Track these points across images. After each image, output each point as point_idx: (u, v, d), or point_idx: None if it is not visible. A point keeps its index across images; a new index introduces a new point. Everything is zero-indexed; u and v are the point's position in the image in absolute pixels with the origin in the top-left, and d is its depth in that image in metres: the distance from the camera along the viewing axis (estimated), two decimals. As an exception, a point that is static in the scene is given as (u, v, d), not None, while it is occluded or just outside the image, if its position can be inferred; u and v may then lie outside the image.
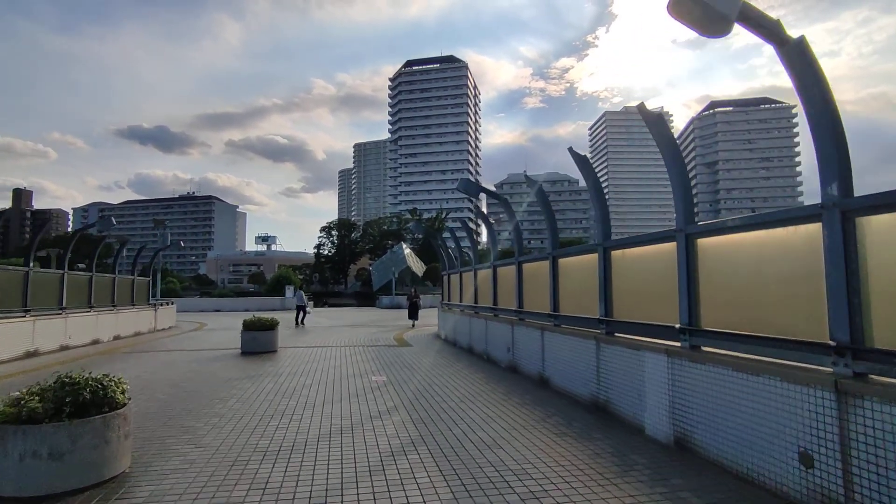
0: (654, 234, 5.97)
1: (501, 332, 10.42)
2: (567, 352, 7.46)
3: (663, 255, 5.62)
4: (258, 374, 9.47)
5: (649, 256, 6.07)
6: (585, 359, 6.84)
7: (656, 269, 5.77)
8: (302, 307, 24.83)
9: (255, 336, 12.61)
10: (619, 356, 6.04)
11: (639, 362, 5.62)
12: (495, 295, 11.38)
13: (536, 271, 9.28)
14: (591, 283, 7.15)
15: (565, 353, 7.51)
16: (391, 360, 11.45)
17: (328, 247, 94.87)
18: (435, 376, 9.19)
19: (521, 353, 9.31)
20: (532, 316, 9.24)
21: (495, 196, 9.91)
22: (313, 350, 13.28)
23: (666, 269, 5.49)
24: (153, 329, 19.89)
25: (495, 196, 9.91)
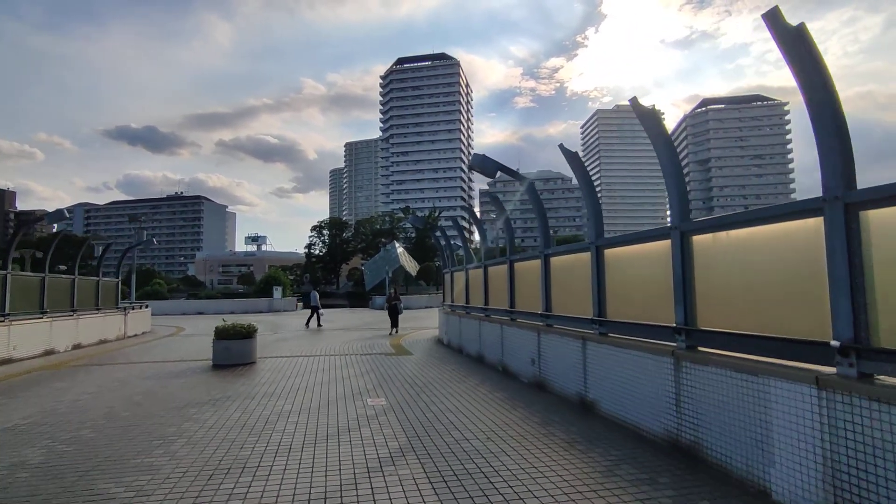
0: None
1: (523, 341, 8.66)
2: (623, 370, 5.71)
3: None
4: (225, 396, 7.63)
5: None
6: (657, 382, 5.09)
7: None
8: (316, 308, 23.69)
9: (228, 346, 10.75)
10: (719, 383, 4.28)
11: (759, 395, 3.87)
12: (512, 295, 9.62)
13: (570, 267, 7.53)
14: (657, 282, 5.41)
15: (621, 372, 5.76)
16: (390, 373, 9.65)
17: (319, 246, 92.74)
18: (445, 397, 7.40)
19: (552, 367, 7.55)
20: (564, 321, 7.48)
21: (513, 174, 8.16)
22: (298, 361, 11.45)
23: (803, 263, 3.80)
24: (123, 336, 17.93)
25: (513, 174, 8.16)
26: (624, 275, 6.15)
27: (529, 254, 9.02)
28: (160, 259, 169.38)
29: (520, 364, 8.80)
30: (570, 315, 7.30)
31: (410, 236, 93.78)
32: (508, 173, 8.13)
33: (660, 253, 5.38)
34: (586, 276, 6.80)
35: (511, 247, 9.79)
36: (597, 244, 6.56)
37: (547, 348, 7.73)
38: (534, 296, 8.62)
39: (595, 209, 6.70)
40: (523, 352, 8.63)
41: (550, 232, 8.38)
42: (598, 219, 6.69)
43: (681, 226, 5.00)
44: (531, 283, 8.88)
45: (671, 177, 5.17)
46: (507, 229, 9.92)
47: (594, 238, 6.60)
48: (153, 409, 6.83)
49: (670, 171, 5.16)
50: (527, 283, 9.17)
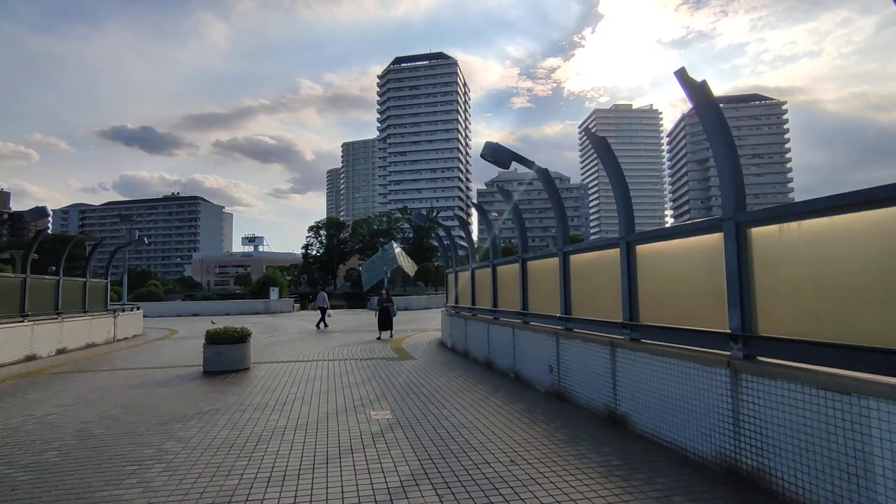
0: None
1: (538, 346, 7.98)
2: (662, 381, 5.03)
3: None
4: (214, 408, 6.93)
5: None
6: (707, 396, 4.41)
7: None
8: (324, 309, 23.38)
9: (219, 351, 10.05)
10: (793, 401, 3.61)
11: (852, 417, 3.20)
12: (525, 297, 8.94)
13: (594, 265, 6.86)
14: (702, 281, 4.75)
15: (659, 383, 5.08)
16: (393, 380, 8.96)
17: (316, 247, 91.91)
18: (457, 409, 6.72)
19: (574, 375, 6.87)
20: (587, 326, 6.80)
21: (527, 163, 7.49)
22: (295, 367, 10.75)
23: None
24: (112, 339, 17.18)
25: (527, 163, 7.49)
26: (660, 274, 5.47)
27: (545, 251, 8.35)
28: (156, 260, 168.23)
29: (535, 371, 8.12)
30: (595, 318, 6.62)
31: (408, 236, 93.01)
32: (522, 163, 7.45)
33: (707, 248, 4.72)
34: (614, 275, 6.13)
35: (523, 244, 9.11)
36: (628, 239, 5.88)
37: (568, 355, 7.05)
38: (551, 297, 7.94)
39: (625, 200, 6.03)
40: (539, 358, 7.95)
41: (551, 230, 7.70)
42: (629, 211, 6.02)
43: (735, 216, 4.33)
44: (547, 284, 8.20)
45: (724, 161, 4.48)
46: (518, 225, 9.25)
47: (624, 232, 5.93)
48: (132, 425, 6.12)
49: (723, 155, 4.47)
50: (542, 284, 8.49)
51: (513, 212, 9.12)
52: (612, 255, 6.26)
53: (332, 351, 13.56)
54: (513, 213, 9.17)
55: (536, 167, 7.59)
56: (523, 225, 9.25)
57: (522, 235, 9.16)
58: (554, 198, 7.58)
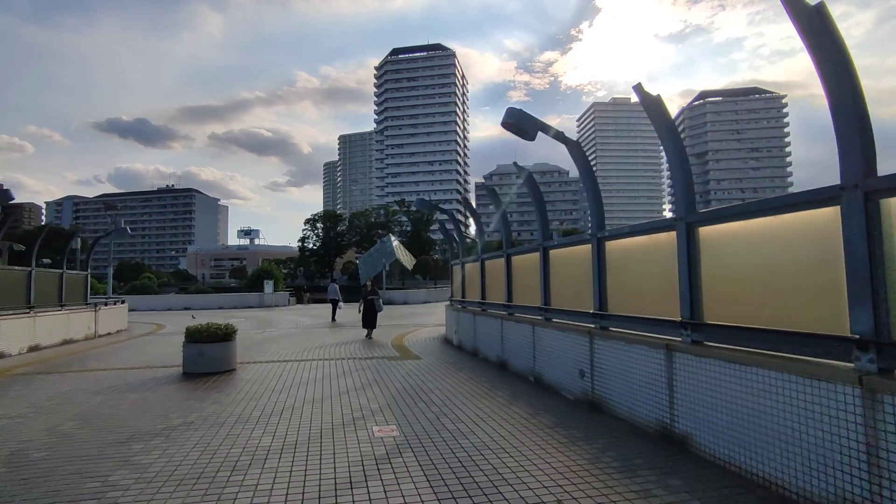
0: None
1: (566, 347, 6.92)
2: (743, 395, 3.97)
3: None
4: (187, 421, 5.85)
5: None
6: (824, 420, 3.35)
7: None
8: (335, 301, 22.95)
9: (201, 351, 8.96)
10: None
11: None
12: (546, 291, 7.86)
13: (639, 254, 5.79)
14: (798, 274, 3.69)
15: (739, 398, 4.02)
16: (397, 384, 7.90)
17: (313, 240, 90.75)
18: (475, 423, 5.66)
19: (613, 382, 5.81)
20: (631, 324, 5.74)
21: (559, 135, 6.39)
22: (286, 368, 9.67)
23: None
24: (93, 335, 16.06)
25: (559, 135, 6.39)
26: (735, 263, 4.41)
27: (573, 238, 7.27)
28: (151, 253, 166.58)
29: (561, 375, 7.07)
30: (640, 315, 5.56)
31: (406, 230, 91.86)
32: (555, 135, 6.36)
33: (810, 231, 3.66)
34: (668, 265, 5.07)
35: (544, 231, 8.04)
36: (688, 220, 4.81)
37: (605, 358, 5.99)
38: (580, 291, 6.87)
39: (686, 176, 4.96)
40: (567, 360, 6.90)
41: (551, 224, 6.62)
42: (689, 188, 4.95)
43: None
44: (575, 276, 7.14)
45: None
46: (537, 209, 8.17)
47: (683, 212, 4.86)
48: (83, 445, 5.04)
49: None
50: (568, 276, 7.43)
51: (531, 189, 8.03)
52: (665, 241, 5.19)
53: (328, 349, 12.49)
54: (532, 195, 8.08)
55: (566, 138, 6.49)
56: (544, 209, 8.17)
57: (543, 220, 8.08)
58: (586, 174, 6.49)
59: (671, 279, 5.01)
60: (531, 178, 8.03)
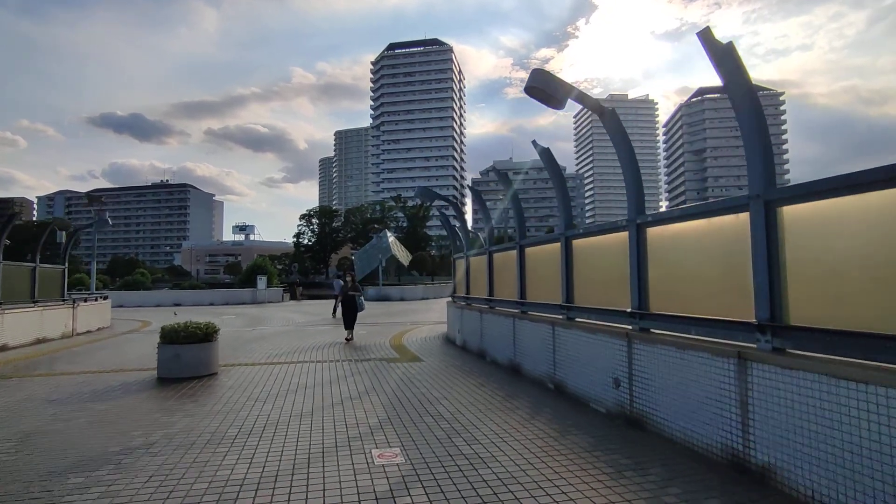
0: None
1: (596, 351, 5.97)
2: (857, 421, 3.04)
3: None
4: (149, 442, 4.87)
5: None
6: None
7: None
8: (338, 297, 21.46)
9: (178, 353, 7.97)
10: None
11: None
12: (569, 286, 6.90)
13: (692, 243, 4.84)
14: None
15: (847, 425, 3.09)
16: (398, 392, 6.94)
17: (308, 235, 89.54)
18: (494, 444, 4.71)
19: (660, 396, 4.86)
20: (684, 326, 4.78)
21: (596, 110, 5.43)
22: (275, 371, 8.70)
23: None
24: (70, 333, 15.02)
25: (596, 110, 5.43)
26: (828, 252, 3.47)
27: (602, 225, 6.31)
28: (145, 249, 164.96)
29: (589, 384, 6.12)
30: (695, 315, 4.61)
31: (402, 225, 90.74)
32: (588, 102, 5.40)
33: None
34: (738, 253, 4.13)
35: (567, 219, 7.08)
36: (766, 198, 3.88)
37: (648, 365, 5.04)
38: (612, 287, 5.92)
39: (764, 144, 4.02)
40: (596, 367, 5.95)
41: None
42: (768, 158, 4.01)
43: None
44: (605, 270, 6.19)
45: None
46: (559, 194, 7.20)
47: (761, 188, 3.92)
48: (8, 477, 4.04)
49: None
50: (596, 270, 6.47)
51: (552, 171, 7.08)
52: (731, 226, 4.24)
53: (321, 349, 11.51)
54: (553, 178, 7.12)
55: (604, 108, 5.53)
56: (566, 194, 7.21)
57: (565, 207, 7.12)
58: (623, 148, 5.54)
59: (741, 273, 4.06)
60: (550, 156, 7.06)
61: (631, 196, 5.58)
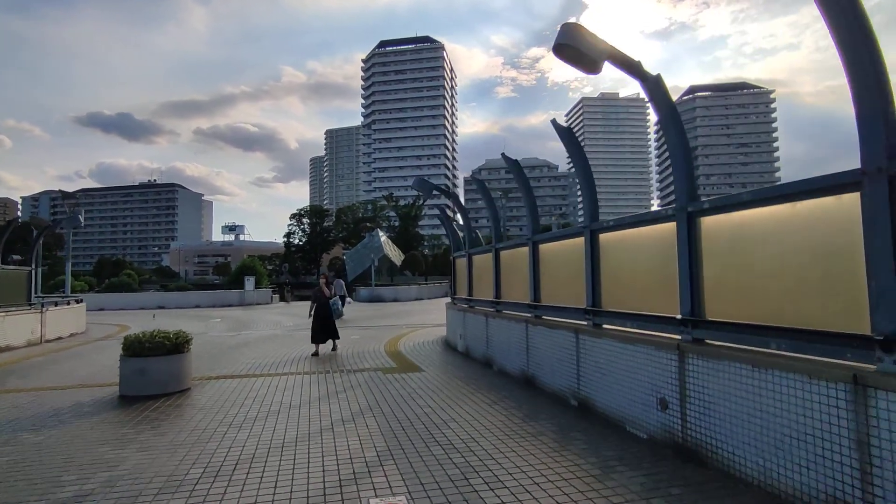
0: None
1: (633, 364, 5.01)
2: None
3: None
4: (81, 493, 3.83)
5: None
6: None
7: None
8: (342, 297, 21.56)
9: (142, 367, 6.92)
10: None
11: None
12: (595, 287, 5.93)
13: (763, 234, 3.89)
14: None
15: None
16: (399, 412, 5.95)
17: (299, 235, 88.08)
18: (523, 488, 3.73)
19: (728, 423, 3.89)
20: (761, 338, 3.83)
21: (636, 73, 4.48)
22: (256, 385, 7.67)
23: None
24: (37, 340, 13.87)
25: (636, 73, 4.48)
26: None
27: (642, 217, 5.35)
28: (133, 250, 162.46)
29: (625, 402, 5.16)
30: (776, 325, 3.66)
31: (394, 224, 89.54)
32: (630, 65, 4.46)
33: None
34: (839, 246, 3.19)
35: (593, 211, 6.12)
36: (892, 170, 2.93)
37: (707, 385, 4.09)
38: (652, 290, 4.98)
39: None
40: (635, 384, 4.99)
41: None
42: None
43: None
44: (643, 269, 5.24)
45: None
46: (584, 183, 6.24)
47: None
48: None
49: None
50: (631, 270, 5.52)
51: (575, 156, 6.12)
52: (819, 212, 3.30)
53: (310, 358, 10.50)
54: (577, 165, 6.16)
55: (646, 73, 4.57)
56: (592, 183, 6.24)
57: (591, 197, 6.16)
58: (671, 122, 4.59)
59: (848, 270, 3.12)
60: (572, 137, 6.10)
61: (682, 181, 4.63)
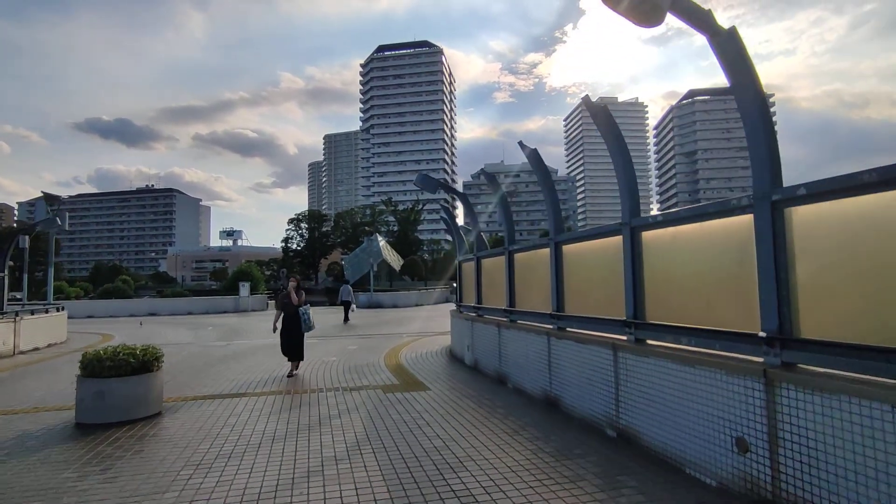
0: None
1: (697, 394, 4.02)
2: None
3: None
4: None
5: None
6: None
7: None
8: (348, 303, 22.45)
9: (103, 390, 5.91)
10: None
11: None
12: (638, 294, 4.96)
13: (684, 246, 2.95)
14: None
15: None
16: (404, 446, 4.96)
17: (297, 240, 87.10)
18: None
19: (849, 476, 2.93)
20: (877, 361, 2.87)
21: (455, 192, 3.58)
22: (238, 408, 6.67)
23: None
24: (10, 351, 12.84)
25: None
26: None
27: (702, 209, 4.37)
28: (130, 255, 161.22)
29: (681, 437, 4.18)
30: None
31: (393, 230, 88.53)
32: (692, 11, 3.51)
33: None
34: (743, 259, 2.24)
35: (633, 206, 5.16)
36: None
37: (810, 425, 3.11)
38: (716, 299, 4.01)
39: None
40: (699, 416, 4.01)
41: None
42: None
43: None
44: (702, 272, 4.27)
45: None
46: (621, 170, 5.28)
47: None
48: None
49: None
50: (682, 273, 4.55)
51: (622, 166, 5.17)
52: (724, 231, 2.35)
53: (305, 372, 9.50)
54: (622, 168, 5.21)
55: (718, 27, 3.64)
56: (632, 174, 5.28)
57: (631, 187, 5.20)
58: (760, 125, 3.64)
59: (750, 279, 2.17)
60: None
61: (762, 161, 3.67)
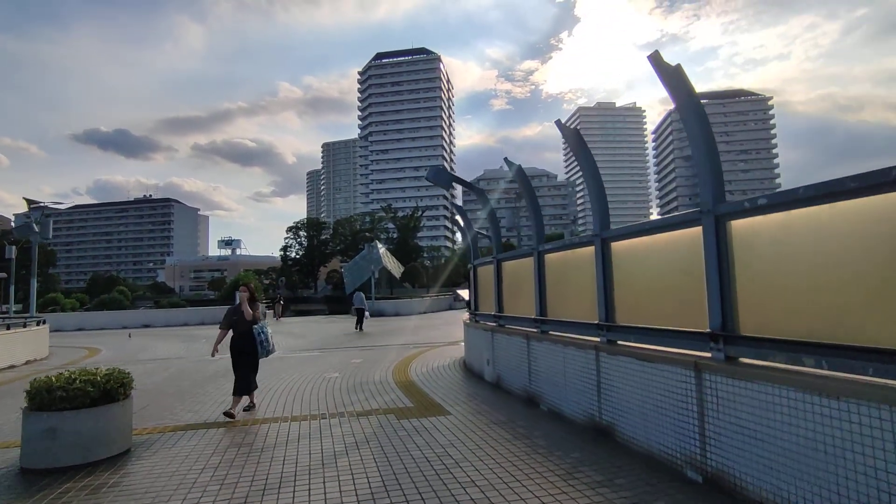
0: None
1: (834, 433, 2.94)
2: None
3: None
4: None
5: None
6: None
7: None
8: (361, 310, 22.49)
9: (55, 426, 4.77)
10: None
11: None
12: (725, 301, 3.88)
13: None
14: None
15: None
16: (431, 496, 3.86)
17: (296, 248, 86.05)
18: None
19: None
20: None
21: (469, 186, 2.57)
22: (223, 443, 5.56)
23: None
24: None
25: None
26: None
27: (836, 184, 3.31)
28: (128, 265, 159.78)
29: (806, 490, 3.08)
30: None
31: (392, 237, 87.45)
32: None
33: None
34: None
35: (717, 190, 4.10)
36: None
37: None
38: (847, 302, 2.93)
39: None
40: (828, 463, 2.91)
41: None
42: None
43: None
44: (822, 268, 3.20)
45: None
46: (709, 154, 4.23)
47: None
48: None
49: None
50: (795, 270, 3.47)
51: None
52: None
53: (300, 393, 8.38)
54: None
55: None
56: (717, 158, 4.22)
57: (716, 170, 4.14)
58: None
59: None
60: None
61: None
